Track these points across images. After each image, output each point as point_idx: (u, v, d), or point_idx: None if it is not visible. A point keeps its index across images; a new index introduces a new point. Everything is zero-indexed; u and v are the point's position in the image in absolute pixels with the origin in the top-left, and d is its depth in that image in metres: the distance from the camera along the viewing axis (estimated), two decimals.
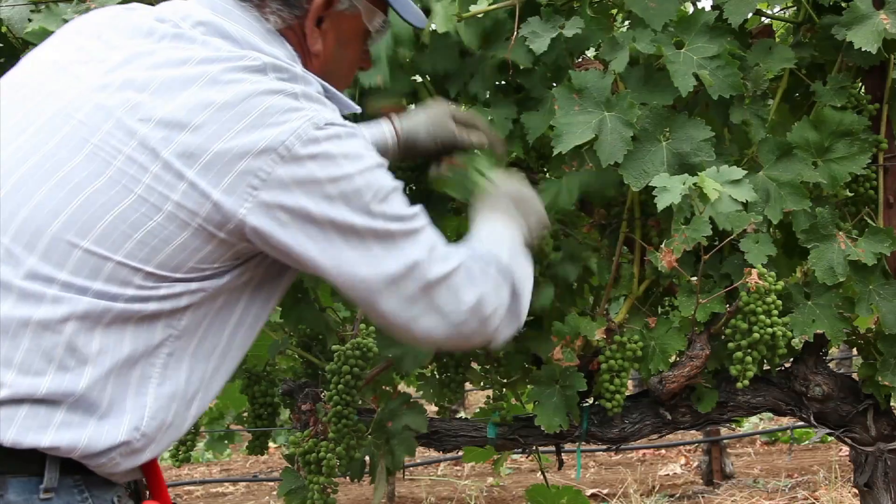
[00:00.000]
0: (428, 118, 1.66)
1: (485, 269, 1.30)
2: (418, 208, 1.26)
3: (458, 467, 6.48)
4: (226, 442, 5.32)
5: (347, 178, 1.17)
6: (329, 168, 1.16)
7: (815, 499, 4.73)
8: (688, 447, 6.50)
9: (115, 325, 1.13)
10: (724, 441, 5.72)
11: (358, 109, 1.40)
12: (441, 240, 1.27)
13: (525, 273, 1.39)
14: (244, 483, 6.76)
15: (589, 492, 5.54)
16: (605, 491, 5.52)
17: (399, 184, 1.25)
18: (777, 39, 2.05)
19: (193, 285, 1.17)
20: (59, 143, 1.15)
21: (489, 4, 1.79)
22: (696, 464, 5.92)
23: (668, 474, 6.01)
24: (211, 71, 1.16)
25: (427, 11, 1.74)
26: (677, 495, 5.33)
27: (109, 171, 1.12)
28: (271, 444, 7.17)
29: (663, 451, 6.68)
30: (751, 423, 7.06)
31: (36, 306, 1.11)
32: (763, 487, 5.27)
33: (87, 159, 1.13)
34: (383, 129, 1.64)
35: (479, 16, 1.83)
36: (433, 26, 1.76)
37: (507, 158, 1.91)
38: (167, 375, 1.17)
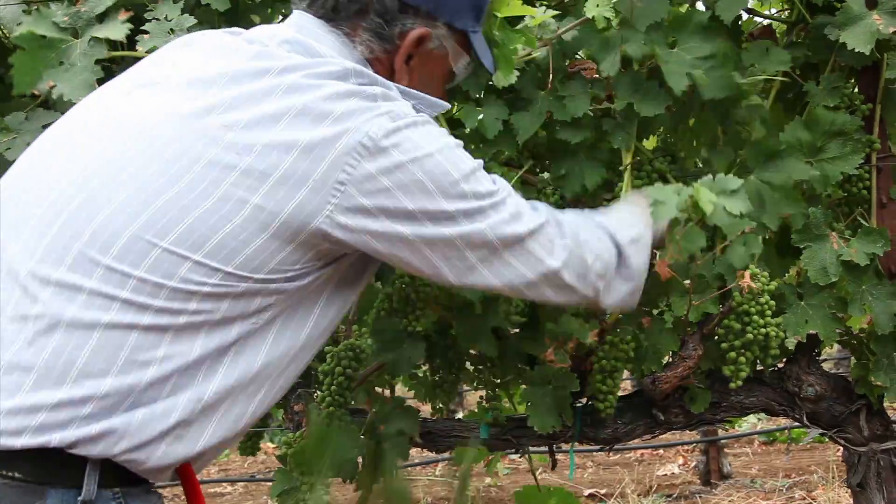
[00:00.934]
0: None
1: (577, 230, 1.36)
2: (500, 180, 1.31)
3: (455, 467, 6.47)
4: None
5: (430, 158, 1.21)
6: (412, 152, 1.19)
7: (813, 499, 4.73)
8: (686, 447, 6.50)
9: (186, 331, 1.14)
10: (722, 441, 5.73)
11: (448, 106, 1.43)
12: (526, 202, 1.33)
13: (632, 235, 1.45)
14: (242, 483, 6.75)
15: (587, 492, 5.55)
16: (602, 491, 5.52)
17: (480, 161, 1.29)
18: (779, 40, 2.05)
19: (272, 286, 1.18)
20: (138, 151, 1.17)
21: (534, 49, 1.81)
22: (693, 464, 5.92)
23: (665, 474, 6.01)
24: (291, 78, 1.19)
25: None
26: (675, 495, 5.33)
27: (189, 175, 1.14)
28: (270, 445, 7.17)
29: (661, 452, 6.68)
30: (749, 423, 7.06)
31: (105, 311, 1.12)
32: (760, 487, 5.27)
33: (167, 164, 1.15)
34: None
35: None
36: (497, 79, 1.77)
37: (499, 158, 1.91)
38: (235, 369, 1.19)
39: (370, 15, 1.31)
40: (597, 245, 1.39)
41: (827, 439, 1.93)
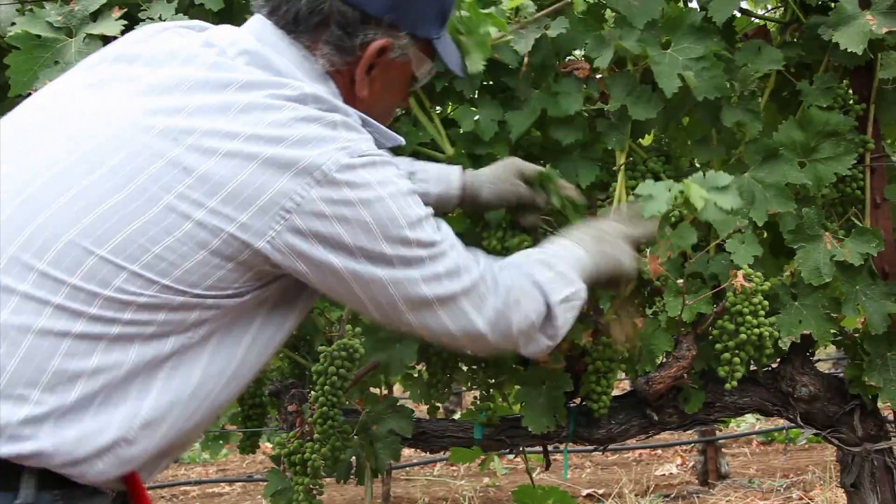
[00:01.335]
0: (493, 175, 1.68)
1: (510, 290, 1.34)
2: (445, 229, 1.30)
3: (454, 467, 6.48)
4: (221, 442, 5.31)
5: (380, 202, 1.19)
6: (363, 193, 1.17)
7: (810, 499, 4.73)
8: (684, 447, 6.50)
9: (119, 341, 1.12)
10: (720, 441, 5.73)
11: (402, 141, 1.40)
12: (466, 255, 1.31)
13: (567, 292, 1.42)
14: (240, 483, 6.75)
15: (584, 492, 5.55)
16: (600, 491, 5.52)
17: (430, 210, 1.27)
18: (774, 40, 2.05)
19: (209, 301, 1.17)
20: (83, 155, 1.15)
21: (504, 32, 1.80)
22: (691, 464, 5.92)
23: (663, 474, 6.01)
24: (250, 97, 1.17)
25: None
26: (672, 495, 5.32)
27: (133, 184, 1.12)
28: (268, 445, 7.17)
29: (659, 452, 6.68)
30: (747, 424, 7.06)
31: (37, 315, 1.10)
32: (758, 487, 5.27)
33: (113, 171, 1.13)
34: (451, 179, 1.65)
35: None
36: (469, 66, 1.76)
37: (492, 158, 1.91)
38: (171, 386, 1.17)
39: (331, 27, 1.28)
40: (526, 305, 1.37)
41: (822, 439, 1.93)
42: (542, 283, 1.39)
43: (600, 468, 6.43)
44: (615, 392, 1.92)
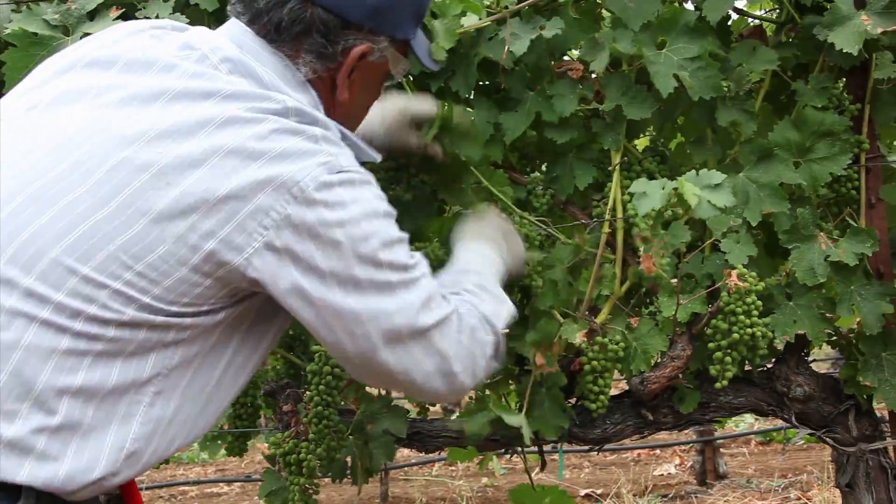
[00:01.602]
0: (383, 118, 1.68)
1: (473, 323, 1.36)
2: (419, 257, 1.29)
3: (452, 467, 6.48)
4: (219, 442, 5.32)
5: (355, 223, 1.18)
6: (339, 212, 1.17)
7: (808, 499, 4.73)
8: (682, 447, 6.50)
9: (102, 358, 1.13)
10: (719, 441, 5.73)
11: (378, 158, 1.40)
12: (437, 289, 1.31)
13: (504, 318, 1.47)
14: (238, 483, 6.75)
15: (583, 492, 5.55)
16: (598, 491, 5.52)
17: (405, 235, 1.27)
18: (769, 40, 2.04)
19: (187, 320, 1.17)
20: (65, 170, 1.14)
21: (480, 19, 1.79)
22: (689, 464, 5.92)
23: (662, 474, 6.01)
24: (232, 109, 1.17)
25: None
26: (670, 495, 5.32)
27: (115, 201, 1.13)
28: (266, 445, 7.17)
29: (658, 452, 6.68)
30: (746, 423, 7.06)
31: (24, 330, 1.10)
32: (756, 487, 5.27)
33: (96, 187, 1.13)
34: None
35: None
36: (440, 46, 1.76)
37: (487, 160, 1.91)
38: (152, 413, 1.17)
39: (313, 35, 1.28)
40: (484, 339, 1.39)
41: (817, 439, 1.93)
42: (489, 316, 1.41)
43: (599, 468, 6.43)
44: (612, 392, 1.92)
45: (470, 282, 1.46)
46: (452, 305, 1.32)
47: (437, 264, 1.87)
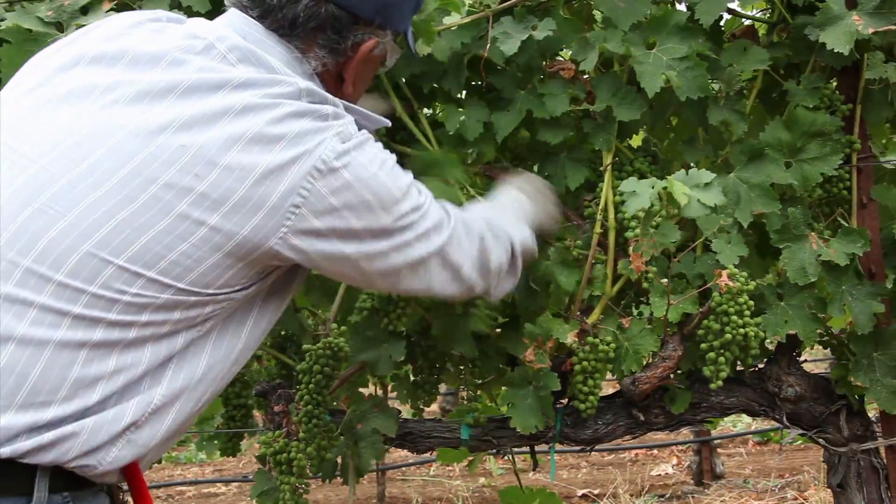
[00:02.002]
0: None
1: (483, 233, 1.49)
2: (424, 188, 1.40)
3: (449, 467, 6.48)
4: (216, 442, 5.32)
5: (375, 178, 1.27)
6: (359, 172, 1.25)
7: (804, 499, 4.73)
8: (680, 447, 6.50)
9: (135, 344, 1.16)
10: (716, 441, 5.73)
11: (388, 123, 1.49)
12: (438, 206, 1.41)
13: (523, 236, 1.62)
14: (236, 483, 6.75)
15: (580, 492, 5.55)
16: (595, 491, 5.52)
17: (410, 174, 1.37)
18: (762, 40, 2.04)
19: (221, 297, 1.22)
20: (85, 170, 1.16)
21: (462, 17, 1.79)
22: (687, 464, 5.92)
23: (659, 475, 6.01)
24: (247, 97, 1.20)
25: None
26: (667, 496, 5.32)
27: (145, 195, 1.15)
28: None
29: (655, 452, 6.68)
30: (743, 423, 7.05)
31: (56, 328, 1.12)
32: (752, 487, 5.28)
33: (122, 184, 1.15)
34: None
35: (453, 28, 1.83)
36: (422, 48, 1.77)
37: (480, 160, 1.91)
38: (180, 375, 1.21)
39: (327, 31, 1.34)
40: (498, 247, 1.52)
41: (809, 440, 1.93)
42: (506, 227, 1.56)
43: (596, 468, 6.43)
44: (603, 392, 1.92)
45: (493, 207, 1.63)
46: (454, 219, 1.43)
47: None
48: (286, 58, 1.32)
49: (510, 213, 1.65)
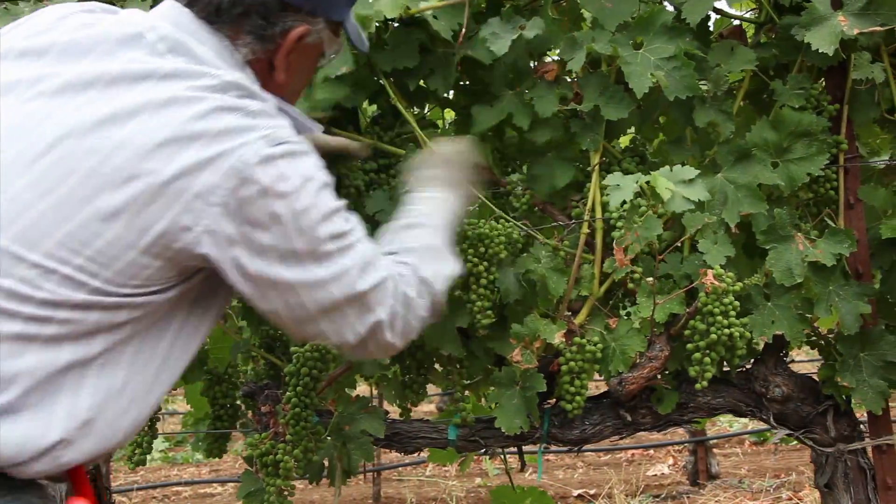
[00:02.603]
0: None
1: (407, 291, 1.35)
2: (355, 220, 1.30)
3: (446, 468, 6.47)
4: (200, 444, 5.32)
5: (296, 198, 1.19)
6: (280, 185, 1.18)
7: (799, 499, 4.73)
8: (676, 447, 6.49)
9: (54, 340, 1.13)
10: (712, 441, 5.72)
11: (319, 129, 1.43)
12: (374, 250, 1.31)
13: (446, 277, 1.45)
14: (232, 484, 6.74)
15: (576, 492, 5.54)
16: (591, 492, 5.51)
17: (342, 203, 1.27)
18: (749, 40, 2.04)
19: (139, 300, 1.17)
20: (7, 162, 1.14)
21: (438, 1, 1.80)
22: (683, 464, 5.92)
23: (655, 475, 6.00)
24: (172, 89, 1.17)
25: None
26: (662, 496, 5.32)
27: (63, 188, 1.13)
28: None
29: (651, 452, 6.68)
30: (740, 424, 7.05)
31: None
32: (748, 488, 5.27)
33: (40, 176, 1.13)
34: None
35: (453, 8, 1.83)
36: (383, 15, 1.75)
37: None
38: (101, 384, 1.17)
39: (252, 17, 1.29)
40: (419, 303, 1.38)
41: (796, 440, 1.93)
42: (429, 278, 1.40)
43: (592, 468, 6.42)
44: (590, 392, 1.92)
45: (415, 239, 1.46)
46: (389, 269, 1.33)
47: None
48: (217, 48, 1.28)
49: (438, 240, 1.49)
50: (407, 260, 1.39)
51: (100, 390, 1.17)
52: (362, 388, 3.33)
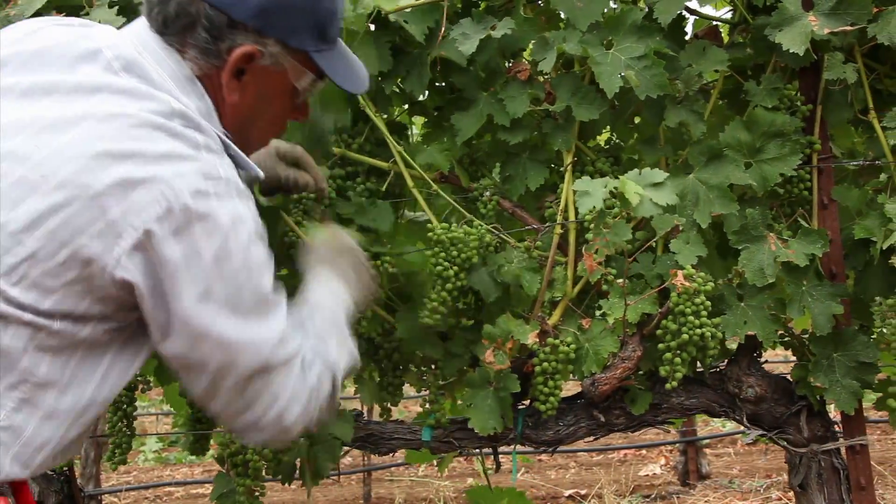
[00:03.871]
0: (258, 159, 1.60)
1: (312, 380, 1.30)
2: (280, 290, 1.26)
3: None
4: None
5: (223, 239, 1.15)
6: (207, 224, 1.14)
7: (788, 499, 4.72)
8: (668, 447, 6.49)
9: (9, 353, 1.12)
10: (704, 441, 5.71)
11: (261, 174, 1.35)
12: (288, 325, 1.27)
13: (347, 363, 1.41)
14: None
15: (567, 492, 5.54)
16: (583, 492, 5.51)
17: (271, 261, 1.24)
18: (726, 40, 2.04)
19: (56, 325, 1.14)
20: None
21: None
22: (674, 464, 5.91)
23: (646, 475, 6.00)
24: (117, 105, 1.16)
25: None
26: (652, 496, 5.32)
27: (22, 203, 1.11)
28: None
29: (643, 452, 6.67)
30: (733, 423, 7.03)
31: None
32: (738, 488, 5.27)
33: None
34: None
35: (425, 9, 1.83)
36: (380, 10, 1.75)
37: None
38: (15, 418, 1.15)
39: (198, 30, 1.26)
40: (325, 387, 1.34)
41: (769, 440, 1.93)
42: (333, 364, 1.36)
43: (584, 469, 6.42)
44: (565, 393, 1.91)
45: (322, 319, 1.41)
46: (300, 348, 1.29)
47: (388, 277, 1.87)
48: (172, 67, 1.26)
49: (339, 325, 1.44)
50: (315, 345, 1.35)
51: (10, 426, 1.14)
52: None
